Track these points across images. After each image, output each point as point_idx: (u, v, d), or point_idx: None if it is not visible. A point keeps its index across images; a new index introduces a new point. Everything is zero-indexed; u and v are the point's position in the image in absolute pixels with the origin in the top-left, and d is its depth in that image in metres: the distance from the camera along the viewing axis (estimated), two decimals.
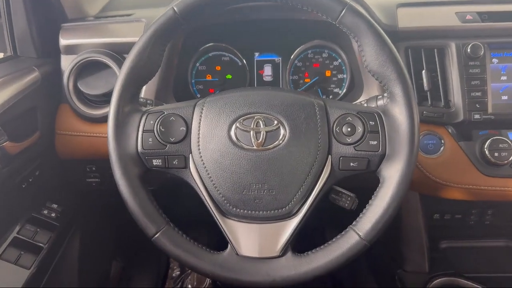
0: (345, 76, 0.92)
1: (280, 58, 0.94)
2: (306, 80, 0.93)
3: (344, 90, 0.92)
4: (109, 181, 0.93)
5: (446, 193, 0.79)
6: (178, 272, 1.50)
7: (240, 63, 0.94)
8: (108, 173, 0.85)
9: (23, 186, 0.80)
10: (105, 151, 0.64)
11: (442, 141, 0.79)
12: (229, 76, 0.95)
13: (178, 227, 0.65)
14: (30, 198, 0.84)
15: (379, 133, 0.61)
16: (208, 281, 1.48)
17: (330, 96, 0.93)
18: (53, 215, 0.86)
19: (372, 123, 0.61)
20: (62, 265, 0.87)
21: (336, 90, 0.93)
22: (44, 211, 0.85)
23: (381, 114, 0.62)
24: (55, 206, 0.88)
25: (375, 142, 0.61)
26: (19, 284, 0.74)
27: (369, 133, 0.61)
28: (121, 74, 0.62)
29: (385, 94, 0.68)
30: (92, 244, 1.06)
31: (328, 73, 0.93)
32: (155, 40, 0.62)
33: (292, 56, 0.92)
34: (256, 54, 0.94)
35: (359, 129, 0.61)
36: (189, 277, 1.48)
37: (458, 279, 0.95)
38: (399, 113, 0.60)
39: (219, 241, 0.66)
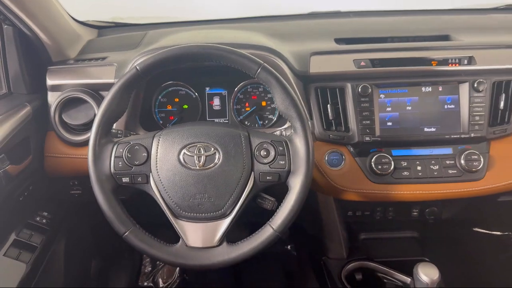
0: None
1: (226, 91, 1.17)
2: (247, 109, 1.17)
3: (276, 117, 1.16)
4: (89, 192, 1.13)
5: (345, 196, 1.04)
6: (150, 269, 1.72)
7: (194, 96, 1.17)
8: (88, 186, 1.05)
9: (20, 199, 1.01)
10: (85, 169, 0.86)
11: (344, 157, 1.04)
12: (185, 106, 1.18)
13: (143, 226, 0.87)
14: (25, 208, 1.05)
15: (285, 155, 0.85)
16: (176, 275, 1.71)
17: (266, 121, 1.17)
18: (44, 221, 1.07)
19: (281, 148, 0.85)
20: (52, 261, 1.09)
21: (270, 116, 1.17)
22: (37, 218, 1.07)
23: (288, 141, 0.86)
24: (45, 214, 1.09)
25: (283, 162, 0.85)
26: (18, 276, 0.95)
27: (279, 155, 0.85)
28: (97, 117, 0.85)
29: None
30: (75, 245, 1.27)
31: (263, 103, 1.16)
32: (122, 91, 0.85)
33: (235, 90, 1.16)
34: (207, 88, 1.17)
35: (272, 153, 0.85)
36: (160, 272, 1.71)
37: (368, 262, 1.21)
38: (299, 142, 0.85)
39: (173, 236, 0.89)
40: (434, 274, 0.90)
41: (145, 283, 1.68)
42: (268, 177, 0.86)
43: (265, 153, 0.86)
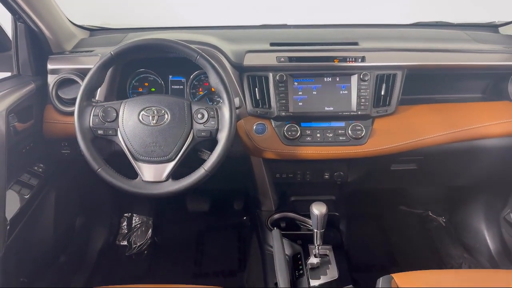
0: None
1: (185, 79, 1.53)
2: (200, 92, 1.52)
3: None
4: (75, 152, 1.48)
5: (266, 155, 1.38)
6: (126, 231, 2.06)
7: (160, 81, 1.53)
8: (75, 147, 1.41)
9: (23, 151, 1.36)
10: (74, 132, 1.18)
11: (266, 127, 1.39)
12: (153, 89, 1.53)
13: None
14: (27, 159, 1.40)
15: (215, 118, 1.20)
16: (148, 237, 2.04)
17: (215, 103, 1.53)
18: (40, 170, 1.42)
19: (212, 113, 1.21)
20: (45, 199, 1.43)
21: (218, 99, 1.52)
22: (35, 167, 1.41)
23: (218, 109, 1.22)
24: (41, 165, 1.44)
25: (213, 122, 1.20)
26: (20, 204, 1.29)
27: (211, 118, 1.20)
28: (82, 86, 1.19)
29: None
30: (62, 199, 1.61)
31: (213, 89, 1.51)
32: (100, 69, 1.21)
33: (191, 77, 1.52)
34: (170, 76, 1.53)
35: (206, 116, 1.20)
36: (134, 234, 2.04)
37: (289, 213, 1.56)
38: (225, 108, 1.20)
39: (133, 174, 1.23)
40: (322, 208, 1.25)
41: (122, 243, 2.01)
42: (202, 133, 1.20)
43: (201, 116, 1.21)
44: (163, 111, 1.20)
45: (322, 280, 1.26)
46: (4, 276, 1.19)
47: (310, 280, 1.25)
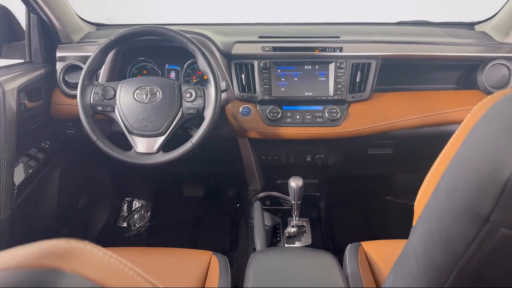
0: None
1: (180, 68, 1.69)
2: (193, 80, 1.68)
3: None
4: (79, 132, 1.63)
5: (251, 134, 1.51)
6: (126, 214, 2.19)
7: (157, 69, 1.69)
8: (79, 127, 1.56)
9: (32, 128, 1.51)
10: (78, 112, 1.35)
11: (251, 110, 1.53)
12: None
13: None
14: (35, 136, 1.55)
15: (203, 97, 1.35)
16: (146, 219, 2.18)
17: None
18: (46, 146, 1.57)
19: (199, 92, 1.35)
20: (50, 172, 1.58)
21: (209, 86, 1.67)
22: (42, 144, 1.56)
23: (204, 89, 1.36)
24: (48, 142, 1.59)
25: (200, 101, 1.35)
26: (25, 175, 1.44)
27: (198, 97, 1.35)
28: (84, 67, 1.35)
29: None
30: (66, 176, 1.76)
31: (205, 77, 1.67)
32: (101, 53, 1.36)
33: (185, 66, 1.67)
34: (167, 65, 1.68)
35: (194, 95, 1.35)
36: (134, 216, 2.18)
37: (273, 192, 1.68)
38: (211, 89, 1.34)
39: (128, 147, 1.37)
40: (298, 181, 1.37)
41: (122, 224, 2.14)
42: (190, 110, 1.35)
43: (189, 95, 1.35)
44: (155, 90, 1.34)
45: (297, 245, 1.37)
46: (10, 236, 1.33)
47: (285, 244, 1.37)
